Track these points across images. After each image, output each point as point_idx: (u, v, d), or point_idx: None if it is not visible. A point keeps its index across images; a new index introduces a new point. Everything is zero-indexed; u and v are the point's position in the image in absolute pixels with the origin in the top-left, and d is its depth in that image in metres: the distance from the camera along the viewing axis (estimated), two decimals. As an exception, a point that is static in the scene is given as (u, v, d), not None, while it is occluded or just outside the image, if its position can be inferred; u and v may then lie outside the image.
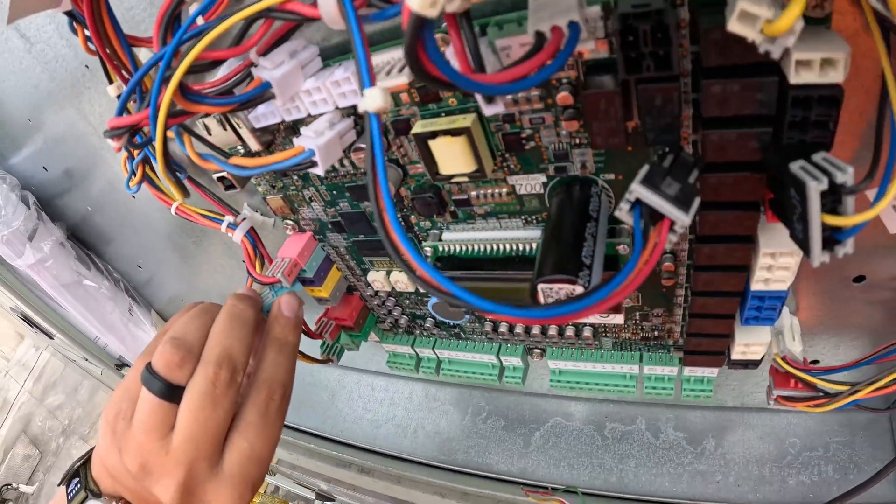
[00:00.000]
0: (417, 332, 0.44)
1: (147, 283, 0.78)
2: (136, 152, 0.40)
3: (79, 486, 0.32)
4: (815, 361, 0.41)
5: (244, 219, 0.41)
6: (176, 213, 0.43)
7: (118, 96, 0.32)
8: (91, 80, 0.43)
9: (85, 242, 0.75)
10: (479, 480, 0.52)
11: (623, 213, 0.20)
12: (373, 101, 0.17)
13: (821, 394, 0.35)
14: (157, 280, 0.77)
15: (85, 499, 0.32)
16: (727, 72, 0.18)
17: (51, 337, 1.00)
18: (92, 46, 0.30)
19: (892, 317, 0.36)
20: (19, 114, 0.53)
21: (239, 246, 0.41)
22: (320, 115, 0.26)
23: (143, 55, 0.33)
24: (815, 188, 0.17)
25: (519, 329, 0.38)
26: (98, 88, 0.43)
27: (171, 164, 0.41)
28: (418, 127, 0.25)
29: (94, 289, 0.76)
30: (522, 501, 0.51)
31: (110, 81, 0.33)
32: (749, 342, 0.32)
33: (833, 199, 0.18)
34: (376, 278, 0.38)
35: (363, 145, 0.27)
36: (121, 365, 0.94)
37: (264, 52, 0.24)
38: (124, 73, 0.30)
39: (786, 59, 0.17)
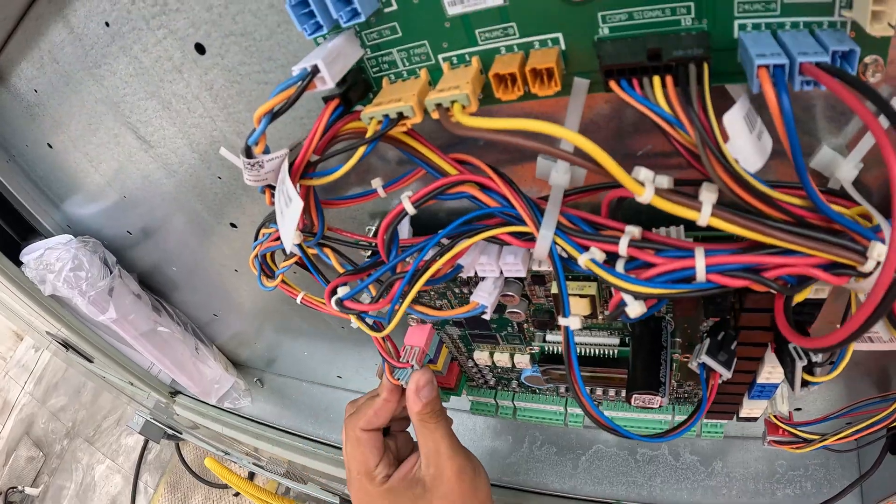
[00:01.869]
0: (500, 387, 0.59)
1: (210, 323, 0.90)
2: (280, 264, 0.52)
3: None
4: (798, 409, 0.57)
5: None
6: (301, 303, 0.55)
7: (299, 244, 0.44)
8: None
9: (154, 289, 0.86)
10: (537, 497, 0.68)
11: (693, 366, 0.35)
12: (572, 322, 0.31)
13: (801, 440, 0.51)
14: (222, 321, 0.88)
15: None
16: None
17: (90, 360, 1.11)
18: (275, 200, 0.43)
19: (853, 385, 0.52)
20: (113, 189, 0.64)
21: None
22: (485, 278, 0.40)
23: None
24: (799, 364, 0.32)
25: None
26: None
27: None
28: (554, 289, 0.39)
29: (167, 334, 0.87)
30: (571, 513, 0.67)
31: None
32: (752, 408, 0.47)
33: (810, 367, 0.33)
34: (481, 357, 0.52)
35: (511, 293, 0.41)
36: (174, 392, 1.06)
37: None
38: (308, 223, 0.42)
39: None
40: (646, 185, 0.25)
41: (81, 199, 0.73)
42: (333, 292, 0.39)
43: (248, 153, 0.32)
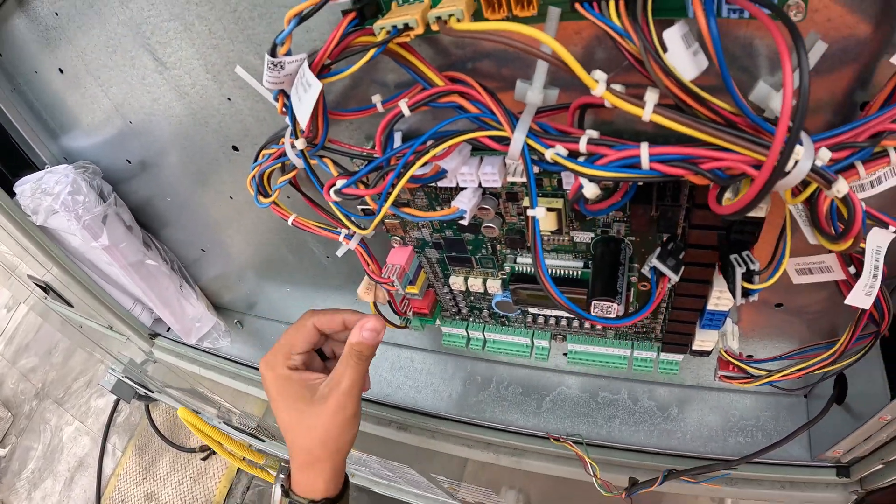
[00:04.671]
0: (472, 318, 0.65)
1: (195, 262, 0.95)
2: (277, 180, 0.58)
3: None
4: (750, 356, 0.63)
5: (355, 231, 0.60)
6: (293, 225, 0.60)
7: (302, 150, 0.50)
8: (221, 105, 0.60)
9: (145, 225, 0.91)
10: (500, 433, 0.74)
11: (645, 271, 0.41)
12: (539, 212, 0.37)
13: (749, 376, 0.57)
14: (207, 260, 0.93)
15: None
16: (706, 206, 0.39)
17: (70, 304, 1.15)
18: (286, 110, 0.49)
19: (800, 331, 0.59)
20: (119, 115, 0.70)
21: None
22: (466, 187, 0.46)
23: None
24: (738, 271, 0.38)
25: (552, 321, 0.59)
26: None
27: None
28: (526, 202, 0.45)
29: (154, 267, 0.92)
30: (533, 449, 0.73)
31: (296, 137, 0.51)
32: (703, 339, 0.53)
33: (749, 275, 0.40)
34: (456, 282, 0.58)
35: (487, 206, 0.47)
36: (154, 334, 1.11)
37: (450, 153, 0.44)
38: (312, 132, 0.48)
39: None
40: (599, 82, 0.32)
41: (85, 127, 0.78)
42: (333, 185, 0.45)
43: (273, 52, 0.38)
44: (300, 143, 0.46)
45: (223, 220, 0.78)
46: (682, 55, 0.31)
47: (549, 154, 0.35)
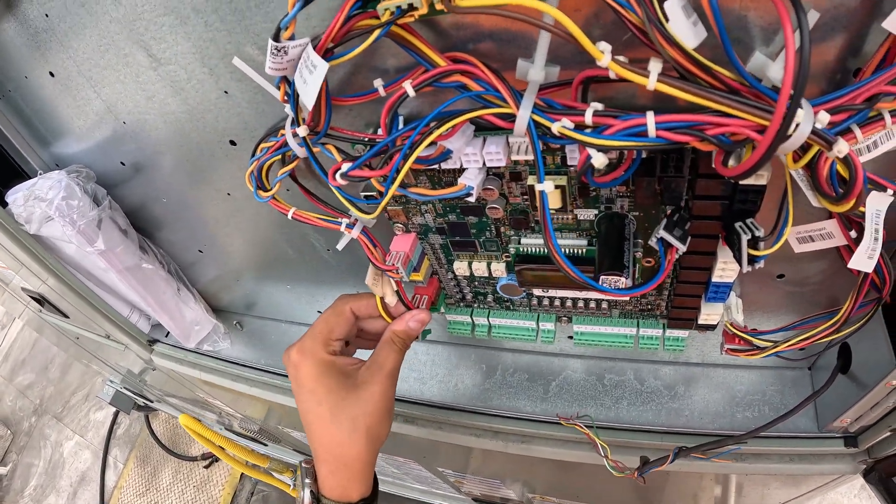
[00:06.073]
0: (476, 304, 0.66)
1: (192, 264, 0.95)
2: (277, 172, 0.58)
3: None
4: (755, 329, 0.64)
5: (356, 220, 0.60)
6: (293, 218, 0.60)
7: (304, 138, 0.50)
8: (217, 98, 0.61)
9: (140, 228, 0.91)
10: (508, 420, 0.75)
11: (653, 243, 0.42)
12: (547, 186, 0.38)
13: (754, 348, 0.58)
14: (204, 262, 0.93)
15: None
16: (709, 175, 0.40)
17: (65, 315, 1.15)
18: (288, 98, 0.49)
19: (802, 303, 0.60)
20: (112, 115, 0.69)
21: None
22: (468, 168, 0.47)
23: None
24: (744, 238, 0.39)
25: (557, 303, 0.60)
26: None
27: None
28: (531, 180, 0.46)
29: (150, 271, 0.92)
30: (542, 435, 0.74)
31: (298, 125, 0.51)
32: (709, 313, 0.54)
33: (755, 242, 0.41)
34: (460, 267, 0.59)
35: (491, 186, 0.48)
36: (153, 340, 1.11)
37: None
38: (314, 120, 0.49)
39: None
40: (605, 52, 0.32)
41: (77, 131, 0.78)
42: (338, 169, 0.46)
43: (277, 37, 0.39)
44: (302, 131, 0.47)
45: (221, 218, 0.78)
46: (683, 25, 0.32)
47: (555, 127, 0.36)
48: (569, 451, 0.74)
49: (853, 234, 0.45)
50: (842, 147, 0.32)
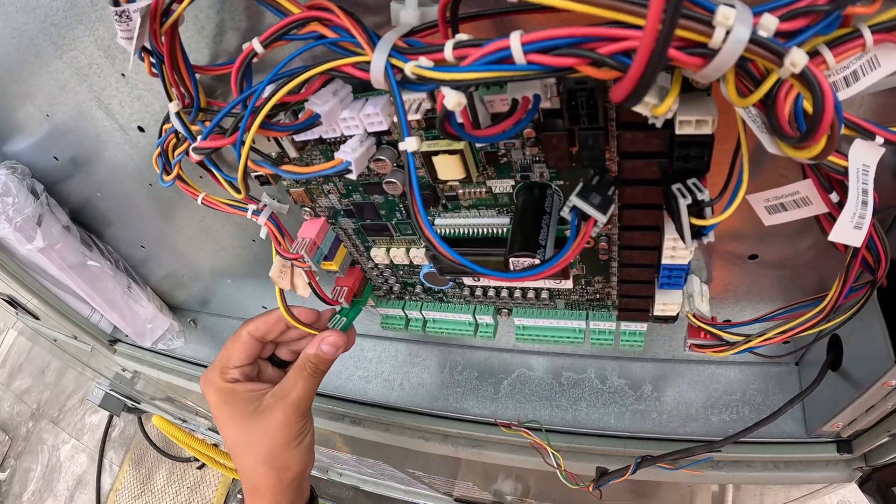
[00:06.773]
0: (407, 297, 0.56)
1: (143, 261, 0.87)
2: (175, 153, 0.50)
3: None
4: (727, 321, 0.54)
5: (265, 206, 0.52)
6: (202, 203, 0.53)
7: (177, 112, 0.42)
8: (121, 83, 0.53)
9: (86, 225, 0.84)
10: (457, 423, 0.65)
11: (565, 213, 0.32)
12: (410, 144, 0.28)
13: (723, 343, 0.48)
14: (154, 259, 0.86)
15: None
16: (636, 125, 0.30)
17: (36, 318, 1.08)
18: (156, 70, 0.41)
19: (783, 288, 0.49)
20: (35, 108, 0.62)
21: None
22: (352, 136, 0.37)
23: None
24: (683, 203, 0.29)
25: (491, 293, 0.50)
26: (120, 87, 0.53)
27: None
28: (425, 146, 0.36)
29: (97, 268, 0.85)
30: (493, 439, 0.64)
31: (170, 100, 0.43)
32: (665, 302, 0.44)
33: (698, 209, 0.30)
34: (378, 254, 0.49)
35: (382, 157, 0.38)
36: (114, 340, 1.03)
37: (314, 91, 0.35)
38: (185, 94, 0.40)
39: (674, 118, 0.29)
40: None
41: (7, 127, 0.70)
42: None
43: (116, 1, 0.33)
44: (174, 106, 0.40)
45: (156, 212, 0.70)
46: None
47: (408, 68, 0.26)
48: (524, 457, 0.64)
49: (834, 197, 0.34)
50: (797, 58, 0.22)
